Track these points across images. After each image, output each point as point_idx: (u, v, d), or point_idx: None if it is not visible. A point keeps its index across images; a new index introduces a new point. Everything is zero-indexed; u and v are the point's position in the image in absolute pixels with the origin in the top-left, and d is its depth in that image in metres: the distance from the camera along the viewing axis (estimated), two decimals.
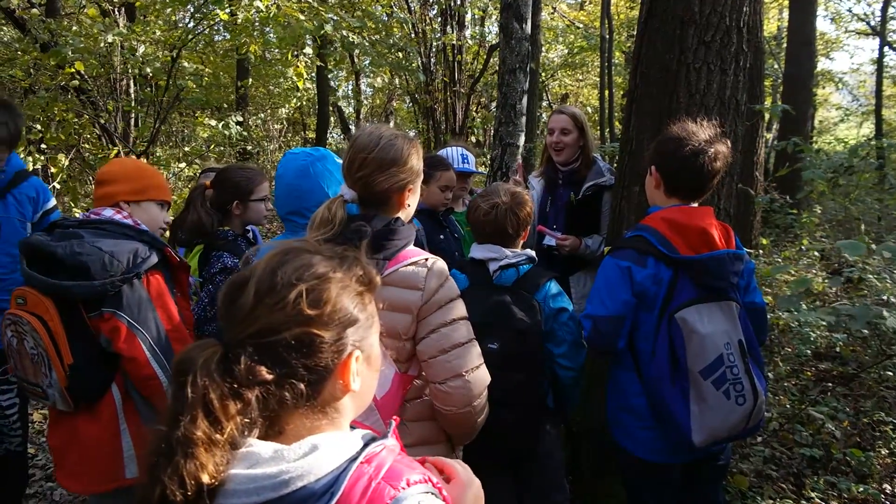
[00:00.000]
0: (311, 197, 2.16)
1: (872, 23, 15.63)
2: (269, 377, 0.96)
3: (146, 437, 2.10)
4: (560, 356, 2.44)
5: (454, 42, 10.05)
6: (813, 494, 3.27)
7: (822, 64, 18.45)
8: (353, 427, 1.11)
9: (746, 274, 2.32)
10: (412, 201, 1.98)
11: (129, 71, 7.37)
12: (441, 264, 1.89)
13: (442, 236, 3.31)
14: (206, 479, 0.89)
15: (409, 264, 1.84)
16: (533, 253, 2.52)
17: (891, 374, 4.24)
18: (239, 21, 6.85)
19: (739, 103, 2.94)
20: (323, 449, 0.95)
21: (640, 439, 2.29)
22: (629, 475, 2.44)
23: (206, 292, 2.55)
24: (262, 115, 16.36)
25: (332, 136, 18.90)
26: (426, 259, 1.87)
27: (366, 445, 1.02)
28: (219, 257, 2.61)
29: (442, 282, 1.86)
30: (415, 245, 2.99)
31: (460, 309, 1.90)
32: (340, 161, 2.28)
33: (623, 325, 2.21)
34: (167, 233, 2.72)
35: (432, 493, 1.02)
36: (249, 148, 12.33)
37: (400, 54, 9.38)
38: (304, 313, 0.99)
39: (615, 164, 3.45)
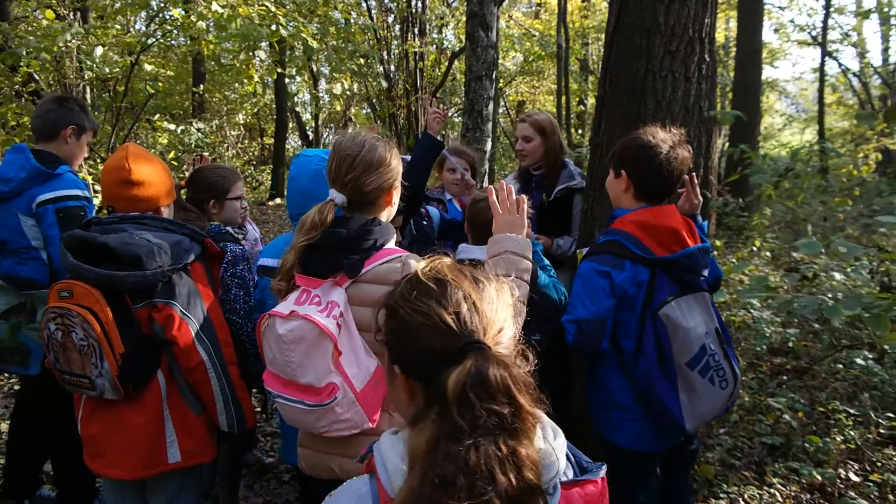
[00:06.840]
0: (323, 200, 2.22)
1: (814, 34, 16.31)
2: None
3: (188, 423, 2.16)
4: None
5: (416, 49, 10.14)
6: (774, 480, 3.45)
7: (766, 72, 19.22)
8: None
9: (711, 262, 2.46)
10: (396, 199, 2.06)
11: (87, 76, 7.22)
12: (416, 260, 1.90)
13: (425, 221, 3.44)
14: None
15: (384, 262, 1.88)
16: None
17: (841, 366, 4.48)
18: (194, 21, 6.81)
19: (703, 110, 3.09)
20: None
21: (626, 431, 2.39)
22: (615, 466, 2.52)
23: (233, 283, 2.56)
24: (218, 121, 16.16)
25: (291, 143, 18.78)
26: (401, 256, 1.91)
27: None
28: (223, 248, 2.62)
29: None
30: (427, 233, 3.16)
31: None
32: None
33: (606, 327, 2.30)
34: None
35: None
36: (206, 154, 12.20)
37: (361, 60, 9.41)
38: None
39: (585, 168, 3.58)
